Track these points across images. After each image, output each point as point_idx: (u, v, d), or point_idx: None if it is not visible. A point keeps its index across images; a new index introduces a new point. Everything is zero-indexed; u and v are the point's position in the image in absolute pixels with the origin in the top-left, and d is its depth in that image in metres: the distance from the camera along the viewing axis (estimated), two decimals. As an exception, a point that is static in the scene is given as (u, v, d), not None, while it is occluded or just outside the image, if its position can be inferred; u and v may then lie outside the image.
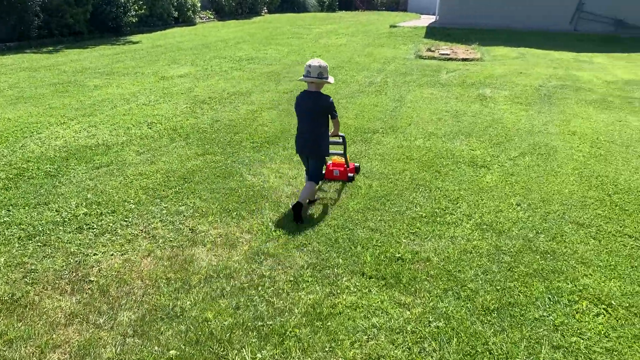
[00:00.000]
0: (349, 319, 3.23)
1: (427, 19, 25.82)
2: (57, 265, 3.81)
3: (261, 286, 3.58)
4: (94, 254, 3.98)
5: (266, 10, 32.04)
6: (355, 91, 9.68)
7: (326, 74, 4.48)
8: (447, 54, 14.30)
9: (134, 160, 5.96)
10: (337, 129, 4.92)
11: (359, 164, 5.77)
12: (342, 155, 5.34)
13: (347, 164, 5.37)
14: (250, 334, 3.10)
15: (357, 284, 3.62)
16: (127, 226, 4.43)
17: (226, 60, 13.19)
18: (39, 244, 4.12)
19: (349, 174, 5.39)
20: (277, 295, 3.48)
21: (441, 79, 11.06)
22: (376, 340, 3.06)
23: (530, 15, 20.37)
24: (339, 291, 3.53)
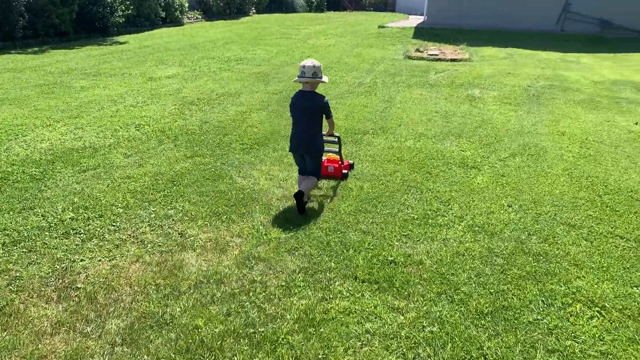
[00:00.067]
0: (342, 325, 3.19)
1: (415, 20, 25.86)
2: (42, 272, 3.73)
3: (252, 292, 3.52)
4: (81, 260, 3.89)
5: (254, 11, 31.91)
6: (345, 92, 9.65)
7: (320, 74, 4.58)
8: (435, 55, 14.32)
9: (121, 163, 5.87)
10: (332, 128, 4.98)
11: (353, 162, 5.84)
12: (337, 153, 5.40)
13: (342, 161, 5.42)
14: (241, 341, 3.04)
15: (349, 288, 3.57)
16: (115, 231, 4.35)
17: (214, 61, 13.09)
18: (24, 250, 4.02)
19: (343, 170, 5.44)
20: (268, 301, 3.42)
21: (430, 79, 11.07)
22: (370, 347, 3.02)
23: (517, 16, 20.46)
24: (331, 296, 3.48)
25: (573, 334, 3.14)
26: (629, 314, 3.33)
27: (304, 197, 4.57)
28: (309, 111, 4.61)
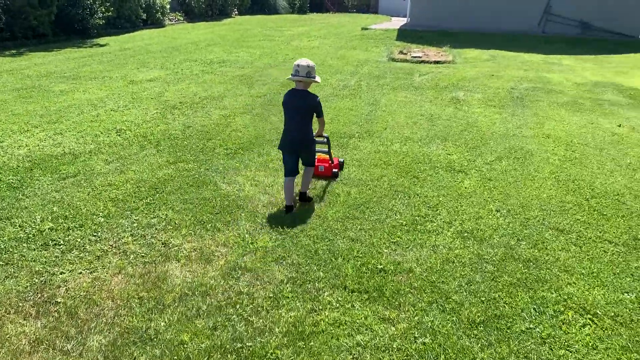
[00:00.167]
0: (332, 338, 3.11)
1: (398, 21, 25.93)
2: (20, 286, 3.58)
3: (239, 304, 3.42)
4: (60, 273, 3.76)
5: (236, 12, 31.72)
6: (330, 94, 9.57)
7: (314, 73, 4.63)
8: (419, 57, 14.33)
9: (102, 170, 5.72)
10: (322, 128, 5.01)
11: (343, 160, 5.88)
12: (327, 153, 5.44)
13: (332, 160, 5.48)
14: (229, 357, 2.94)
15: (339, 298, 3.49)
16: (96, 241, 4.21)
17: (197, 63, 12.93)
18: (0, 262, 3.87)
19: (333, 169, 5.51)
20: (256, 314, 3.33)
21: (414, 82, 11.05)
22: (361, 360, 2.95)
23: (499, 18, 20.63)
24: (320, 307, 3.40)
25: (566, 343, 3.10)
26: (621, 321, 3.30)
27: (306, 194, 4.95)
28: (302, 110, 4.65)
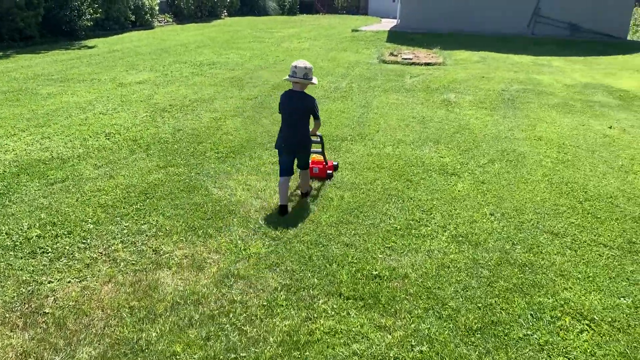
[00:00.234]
0: (328, 347, 3.05)
1: (388, 23, 25.94)
2: (7, 297, 3.49)
3: (232, 313, 3.36)
4: (48, 282, 3.67)
5: (226, 14, 31.57)
6: (321, 97, 9.52)
7: (311, 75, 4.66)
8: (409, 59, 14.32)
9: (91, 175, 5.62)
10: (316, 129, 5.00)
11: (337, 162, 5.88)
12: (321, 153, 5.44)
13: (326, 161, 5.49)
14: (223, 368, 2.88)
15: (334, 306, 3.44)
16: (85, 249, 4.13)
17: (187, 65, 12.82)
18: (-14, 272, 3.78)
19: (327, 171, 5.52)
20: (250, 323, 3.26)
21: (406, 84, 11.03)
22: (358, 370, 2.89)
23: (489, 20, 20.68)
24: (315, 315, 3.34)
25: (564, 350, 3.07)
26: (618, 326, 3.28)
27: (308, 194, 5.11)
28: (300, 111, 4.69)
